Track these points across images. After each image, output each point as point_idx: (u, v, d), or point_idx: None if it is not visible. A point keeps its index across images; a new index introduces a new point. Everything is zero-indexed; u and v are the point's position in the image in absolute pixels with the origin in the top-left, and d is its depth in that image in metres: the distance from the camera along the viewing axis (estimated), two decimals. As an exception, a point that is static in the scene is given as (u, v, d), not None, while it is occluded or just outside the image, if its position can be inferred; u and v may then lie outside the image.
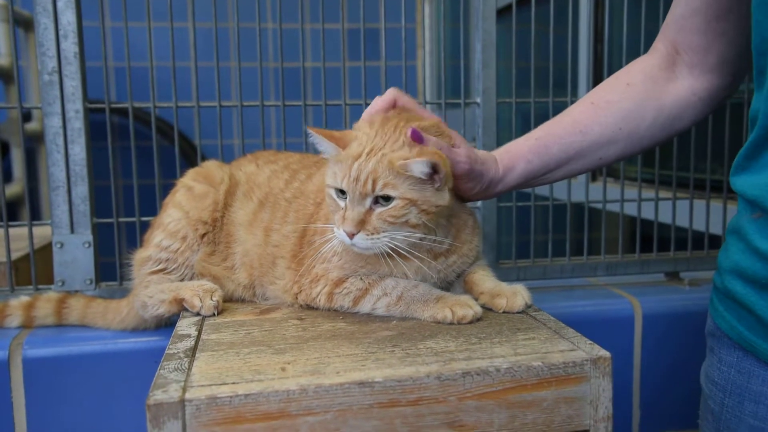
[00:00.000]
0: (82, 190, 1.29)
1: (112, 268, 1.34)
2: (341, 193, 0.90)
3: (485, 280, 0.98)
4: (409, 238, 0.89)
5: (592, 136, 1.00)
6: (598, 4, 2.20)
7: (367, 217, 0.88)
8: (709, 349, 0.95)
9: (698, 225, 1.55)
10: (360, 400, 0.72)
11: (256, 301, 1.07)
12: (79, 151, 1.28)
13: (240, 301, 1.08)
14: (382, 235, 0.88)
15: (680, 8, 0.98)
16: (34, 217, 1.84)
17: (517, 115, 1.45)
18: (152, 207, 1.28)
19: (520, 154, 1.00)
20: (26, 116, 2.61)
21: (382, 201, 0.88)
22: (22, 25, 2.57)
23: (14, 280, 1.31)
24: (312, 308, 0.99)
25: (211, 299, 0.99)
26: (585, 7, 2.17)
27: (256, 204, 1.10)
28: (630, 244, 1.65)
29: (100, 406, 1.20)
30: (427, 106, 1.00)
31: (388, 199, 0.87)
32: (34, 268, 1.30)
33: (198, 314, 0.99)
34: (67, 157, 1.28)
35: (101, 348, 1.19)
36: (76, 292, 1.30)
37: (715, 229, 1.57)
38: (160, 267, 1.10)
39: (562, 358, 0.77)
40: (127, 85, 1.30)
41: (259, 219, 1.08)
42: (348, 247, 0.91)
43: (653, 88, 1.00)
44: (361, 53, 1.38)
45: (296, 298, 1.00)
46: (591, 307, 1.40)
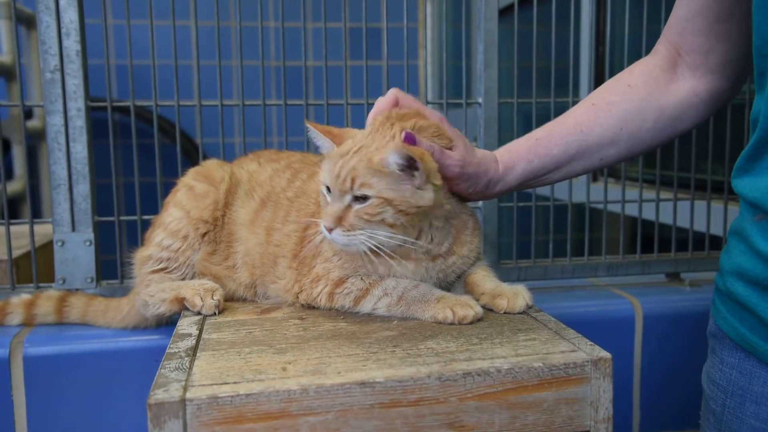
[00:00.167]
0: (84, 189, 1.29)
1: (113, 267, 1.34)
2: (329, 189, 0.91)
3: (486, 281, 0.98)
4: (391, 240, 0.89)
5: (593, 136, 0.99)
6: (599, 5, 2.20)
7: (346, 213, 0.89)
8: (710, 351, 0.95)
9: (699, 226, 1.55)
10: (361, 401, 0.72)
11: (257, 301, 1.07)
12: (80, 149, 1.28)
13: (241, 300, 1.08)
14: (359, 232, 0.88)
15: (682, 10, 0.98)
16: (35, 215, 1.84)
17: (519, 115, 1.45)
18: (153, 205, 1.28)
19: (520, 154, 1.00)
20: (27, 113, 2.61)
21: (360, 199, 0.88)
22: (24, 22, 2.56)
23: (15, 277, 1.31)
24: (313, 308, 0.99)
25: (212, 298, 0.99)
26: (587, 7, 2.17)
27: (258, 203, 1.10)
28: (631, 245, 1.65)
29: (101, 405, 1.20)
30: (429, 106, 1.00)
31: (365, 198, 0.88)
32: (35, 266, 1.30)
33: (199, 313, 0.99)
34: (69, 156, 1.28)
35: (102, 346, 1.20)
36: (77, 291, 1.30)
37: (716, 229, 1.57)
38: (161, 266, 1.10)
39: (563, 359, 0.77)
40: (129, 83, 1.30)
41: (260, 218, 1.08)
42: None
43: (655, 90, 1.00)
44: (363, 52, 1.38)
45: (297, 297, 1.00)
46: (592, 308, 1.40)
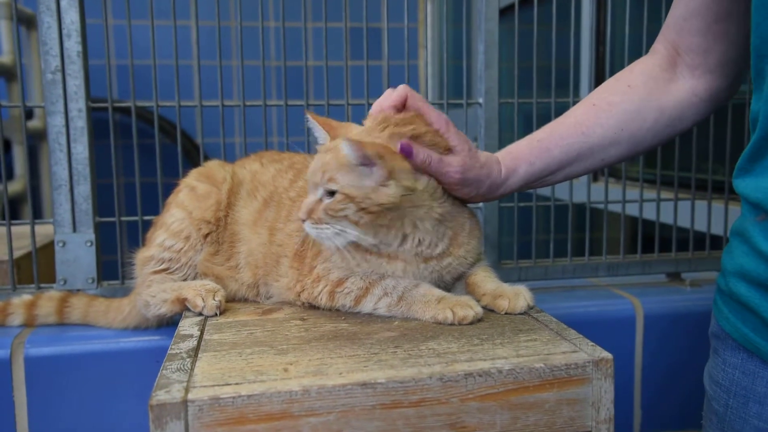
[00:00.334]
0: (85, 189, 1.29)
1: (114, 267, 1.34)
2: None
3: (487, 282, 0.98)
4: (363, 241, 0.90)
5: (594, 137, 0.99)
6: (600, 5, 2.20)
7: (317, 206, 0.90)
8: (712, 351, 0.95)
9: (700, 225, 1.55)
10: (362, 401, 0.72)
11: (259, 301, 1.07)
12: (81, 150, 1.28)
13: (243, 300, 1.08)
14: (325, 226, 0.89)
15: (680, 9, 0.97)
16: (36, 216, 1.84)
17: (519, 116, 1.45)
18: (155, 206, 1.27)
19: (522, 157, 1.00)
20: (28, 114, 2.61)
21: (330, 194, 0.89)
22: (25, 22, 2.56)
23: (16, 278, 1.31)
24: (314, 307, 0.99)
25: (214, 299, 0.99)
26: (587, 7, 2.17)
27: (261, 203, 1.10)
28: (631, 245, 1.65)
29: (102, 405, 1.20)
30: (429, 107, 1.00)
31: (333, 193, 0.89)
32: (36, 267, 1.30)
33: (200, 314, 0.99)
34: (70, 156, 1.28)
35: (103, 347, 1.19)
36: (78, 291, 1.30)
37: (717, 229, 1.57)
38: (163, 267, 1.10)
39: (564, 360, 0.77)
40: (130, 83, 1.30)
41: (263, 218, 1.08)
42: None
43: (654, 89, 1.00)
44: (363, 52, 1.38)
45: (299, 296, 1.00)
46: (592, 308, 1.40)
